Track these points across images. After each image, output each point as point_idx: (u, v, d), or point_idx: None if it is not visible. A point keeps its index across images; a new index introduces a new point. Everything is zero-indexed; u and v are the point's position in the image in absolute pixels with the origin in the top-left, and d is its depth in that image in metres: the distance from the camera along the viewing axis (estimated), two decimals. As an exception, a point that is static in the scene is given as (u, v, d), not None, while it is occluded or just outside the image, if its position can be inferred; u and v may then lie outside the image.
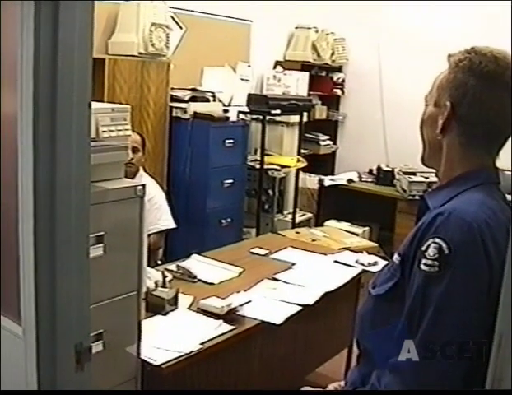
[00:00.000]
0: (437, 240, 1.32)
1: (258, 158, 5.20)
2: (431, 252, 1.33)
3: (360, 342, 1.62)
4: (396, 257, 1.47)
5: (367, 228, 5.67)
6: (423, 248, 1.35)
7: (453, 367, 1.31)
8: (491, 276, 1.31)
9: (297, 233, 4.94)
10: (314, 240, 4.69)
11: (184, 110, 4.63)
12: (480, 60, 1.42)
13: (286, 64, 6.11)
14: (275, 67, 6.11)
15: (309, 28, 6.14)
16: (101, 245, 1.97)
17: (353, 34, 6.45)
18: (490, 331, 1.16)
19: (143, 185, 2.10)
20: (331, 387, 1.78)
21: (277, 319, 2.67)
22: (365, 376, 1.51)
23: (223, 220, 4.95)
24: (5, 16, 1.36)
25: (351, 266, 3.47)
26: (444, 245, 1.31)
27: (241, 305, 2.66)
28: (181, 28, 4.87)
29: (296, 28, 6.22)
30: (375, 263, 3.52)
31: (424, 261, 1.34)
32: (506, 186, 1.70)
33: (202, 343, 2.37)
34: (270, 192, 5.64)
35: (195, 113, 4.65)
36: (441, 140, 1.48)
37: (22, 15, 1.26)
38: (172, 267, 3.11)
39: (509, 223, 1.38)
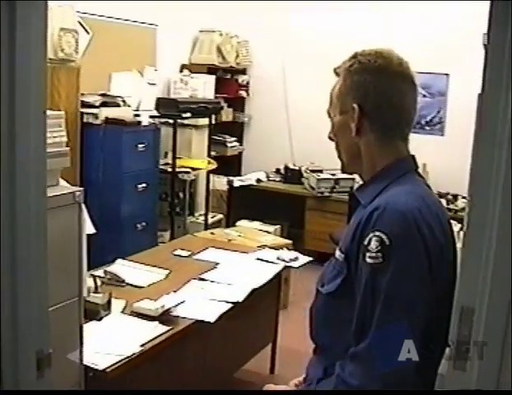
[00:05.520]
0: (377, 233, 1.43)
1: (169, 161, 5.22)
2: (374, 245, 1.43)
3: (315, 339, 1.71)
4: (339, 255, 1.57)
5: (278, 226, 5.80)
6: (365, 242, 1.46)
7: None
8: (429, 256, 1.44)
9: (212, 234, 4.99)
10: (229, 240, 4.75)
11: (96, 116, 4.57)
12: (368, 59, 1.57)
13: (192, 67, 6.15)
14: (181, 71, 6.13)
15: (213, 31, 6.22)
16: (42, 253, 1.95)
17: (256, 37, 6.60)
18: (436, 305, 1.37)
19: (82, 191, 2.09)
20: (291, 384, 1.82)
21: (211, 317, 2.72)
22: (328, 367, 1.60)
23: (138, 225, 4.93)
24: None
25: (272, 262, 3.57)
26: (384, 237, 1.42)
27: (175, 306, 2.70)
28: (88, 33, 4.81)
29: (201, 31, 6.29)
30: (296, 259, 3.64)
31: (368, 254, 1.44)
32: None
33: (142, 345, 2.39)
34: (181, 194, 5.66)
35: (107, 118, 4.61)
36: (358, 142, 1.60)
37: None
38: (99, 272, 3.08)
39: (436, 207, 1.54)
